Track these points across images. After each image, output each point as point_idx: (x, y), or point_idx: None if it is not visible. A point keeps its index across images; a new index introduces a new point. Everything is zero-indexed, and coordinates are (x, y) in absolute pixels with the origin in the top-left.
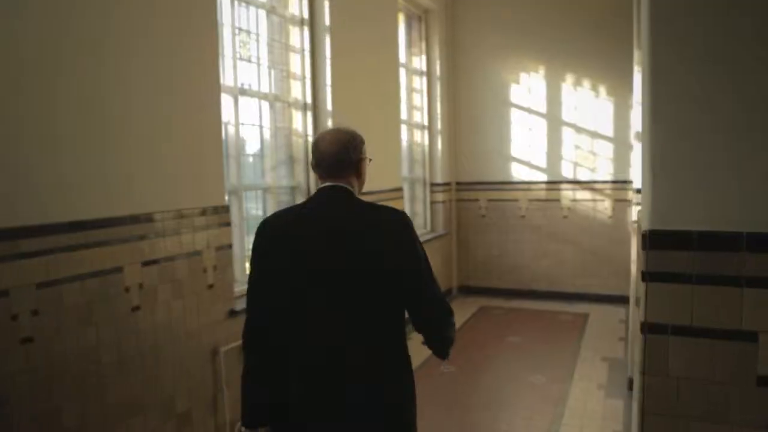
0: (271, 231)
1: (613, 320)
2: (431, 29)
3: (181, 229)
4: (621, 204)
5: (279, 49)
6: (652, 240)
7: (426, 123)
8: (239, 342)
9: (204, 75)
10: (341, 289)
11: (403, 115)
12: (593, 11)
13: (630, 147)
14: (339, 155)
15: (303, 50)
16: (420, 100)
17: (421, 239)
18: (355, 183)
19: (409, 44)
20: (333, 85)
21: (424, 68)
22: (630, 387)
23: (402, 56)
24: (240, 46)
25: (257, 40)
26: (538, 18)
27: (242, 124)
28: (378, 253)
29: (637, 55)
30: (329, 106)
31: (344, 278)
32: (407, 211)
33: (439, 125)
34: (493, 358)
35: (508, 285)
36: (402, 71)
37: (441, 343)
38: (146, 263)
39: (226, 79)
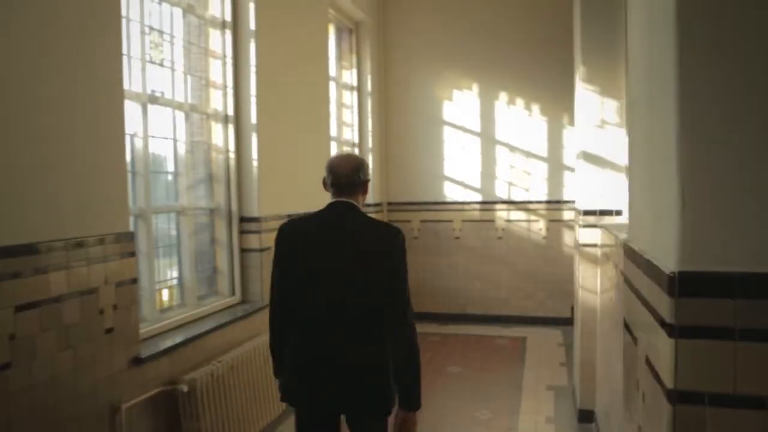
0: (290, 234)
1: (552, 344)
2: (362, 42)
3: (70, 262)
4: (555, 224)
5: (197, 53)
6: (683, 284)
7: (356, 140)
8: (146, 395)
9: (103, 77)
10: (342, 281)
11: (333, 132)
12: (527, 30)
13: (563, 167)
14: (352, 178)
15: (224, 56)
16: (350, 116)
17: None
18: (360, 199)
19: (339, 57)
20: (258, 96)
21: (355, 83)
22: (580, 419)
23: (332, 69)
24: (150, 48)
25: (171, 42)
26: (471, 35)
27: (152, 137)
28: (371, 256)
29: (582, 71)
30: (253, 119)
31: (345, 272)
32: None
33: (370, 143)
34: (433, 390)
35: (443, 309)
36: (332, 85)
37: (406, 361)
38: (21, 307)
39: (133, 84)
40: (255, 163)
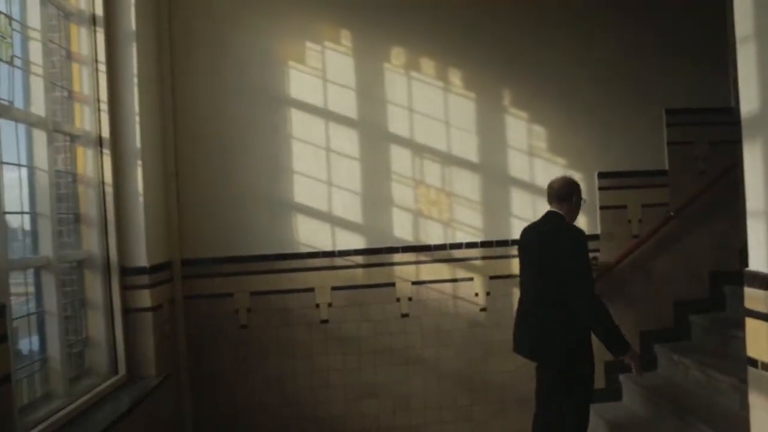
0: (527, 234)
1: None
2: None
3: None
4: (500, 283)
5: None
6: None
7: (106, 133)
8: None
9: None
10: (538, 268)
11: (40, 111)
12: None
13: (510, 180)
14: (559, 191)
15: None
16: (91, 83)
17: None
18: (565, 210)
19: None
20: None
21: (100, 12)
22: None
23: None
24: None
25: None
26: None
27: None
28: (556, 251)
29: None
30: None
31: (540, 263)
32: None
33: (137, 139)
34: None
35: None
36: (35, 4)
37: (590, 324)
38: None
39: None
40: None
